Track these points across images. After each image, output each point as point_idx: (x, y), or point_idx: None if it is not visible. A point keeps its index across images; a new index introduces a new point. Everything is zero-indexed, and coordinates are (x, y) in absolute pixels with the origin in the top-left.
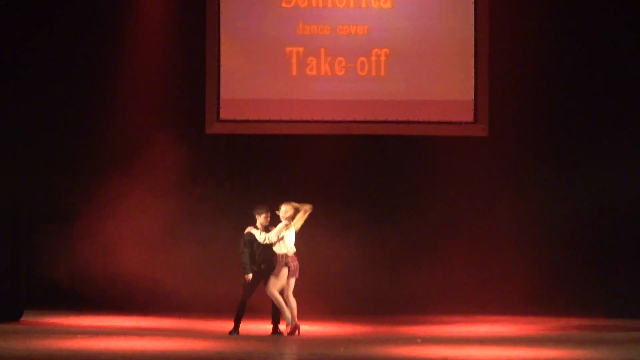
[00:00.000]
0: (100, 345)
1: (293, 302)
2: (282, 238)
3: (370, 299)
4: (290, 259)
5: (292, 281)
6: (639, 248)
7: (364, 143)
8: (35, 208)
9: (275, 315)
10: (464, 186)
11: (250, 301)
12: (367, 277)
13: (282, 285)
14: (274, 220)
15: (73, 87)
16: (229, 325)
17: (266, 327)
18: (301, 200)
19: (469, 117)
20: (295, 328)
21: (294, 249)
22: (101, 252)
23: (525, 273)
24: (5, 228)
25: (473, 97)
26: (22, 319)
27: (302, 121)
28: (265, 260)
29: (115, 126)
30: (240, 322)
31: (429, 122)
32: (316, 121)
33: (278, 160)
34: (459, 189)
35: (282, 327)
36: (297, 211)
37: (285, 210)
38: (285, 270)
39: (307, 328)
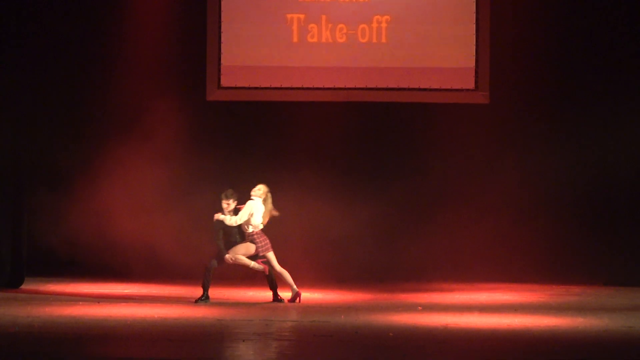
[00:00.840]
0: (101, 312)
1: (284, 272)
2: (252, 215)
3: (370, 267)
4: (256, 236)
5: (270, 255)
6: (639, 216)
7: (364, 110)
8: (35, 174)
9: (273, 283)
10: (464, 154)
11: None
12: (368, 244)
13: (243, 253)
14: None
15: (74, 53)
16: (229, 292)
17: (266, 294)
18: (300, 167)
19: (470, 84)
20: (296, 295)
21: (260, 227)
22: (100, 219)
23: (526, 240)
24: (6, 194)
25: (474, 64)
26: (23, 286)
27: (302, 88)
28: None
29: (116, 93)
30: (208, 287)
31: (430, 90)
32: (317, 88)
33: (279, 128)
34: (459, 156)
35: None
36: (267, 197)
37: (259, 188)
38: (252, 247)
39: (308, 296)
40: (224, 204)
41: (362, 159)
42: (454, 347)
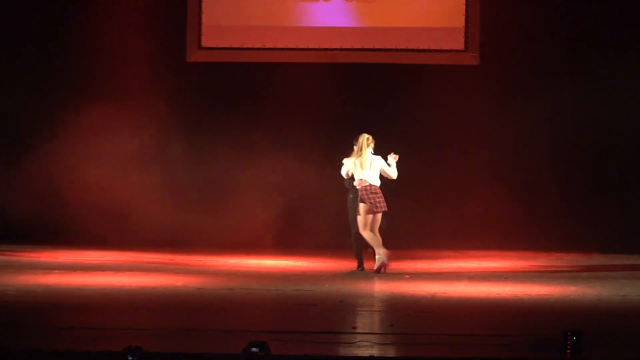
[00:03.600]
0: (77, 281)
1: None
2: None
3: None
4: (364, 192)
5: (370, 217)
6: (632, 182)
7: (349, 71)
8: (7, 139)
9: (358, 250)
10: (454, 117)
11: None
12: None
13: (363, 221)
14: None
15: (48, 14)
16: (209, 259)
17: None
18: (284, 130)
19: (460, 45)
20: (381, 265)
21: (364, 182)
22: (75, 185)
23: (516, 207)
24: None
25: (464, 24)
26: None
27: (286, 49)
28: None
29: (89, 55)
30: (360, 257)
31: (418, 50)
32: (301, 49)
33: (262, 90)
34: (448, 119)
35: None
36: (361, 143)
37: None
38: (361, 206)
39: (291, 263)
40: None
41: (347, 122)
42: (442, 316)
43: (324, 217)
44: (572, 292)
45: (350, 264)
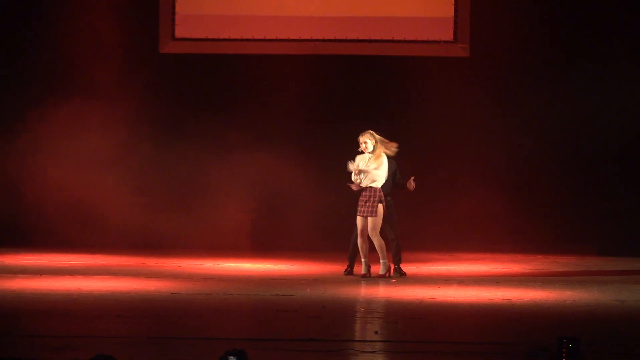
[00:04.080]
0: (43, 286)
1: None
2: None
3: (340, 236)
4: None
5: (368, 220)
6: (631, 181)
7: (332, 64)
8: None
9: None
10: (442, 112)
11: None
12: (336, 210)
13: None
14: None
15: (18, 3)
16: (183, 263)
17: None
18: (262, 125)
19: (449, 36)
20: (387, 269)
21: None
22: (41, 184)
23: (509, 207)
24: None
25: (453, 13)
26: None
27: (265, 40)
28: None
29: (58, 45)
30: (353, 261)
31: (404, 41)
32: (281, 40)
33: (239, 83)
34: (436, 115)
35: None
36: (377, 143)
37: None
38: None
39: (270, 267)
40: None
41: (328, 118)
42: (431, 323)
43: (305, 218)
44: (568, 296)
45: (333, 267)
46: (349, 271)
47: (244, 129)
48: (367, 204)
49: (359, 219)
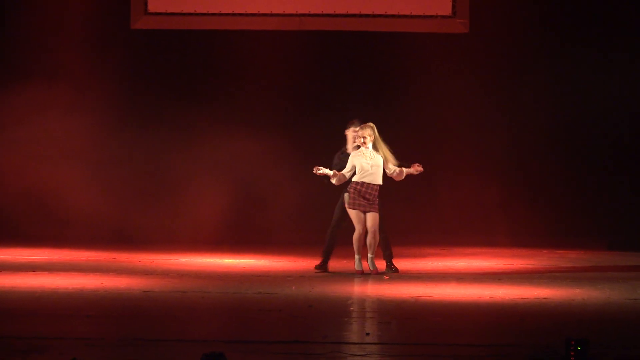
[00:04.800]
0: (3, 283)
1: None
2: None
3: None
4: (352, 189)
5: (362, 215)
6: None
7: (319, 41)
8: None
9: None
10: (439, 93)
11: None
12: (325, 202)
13: (354, 218)
14: None
15: None
16: (157, 258)
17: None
18: (243, 108)
19: (447, 10)
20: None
21: (362, 179)
22: (1, 169)
23: (511, 196)
24: None
25: None
26: None
27: (246, 14)
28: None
29: (22, 20)
30: (328, 256)
31: (399, 16)
32: (263, 14)
33: (216, 61)
34: (434, 95)
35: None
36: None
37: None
38: (345, 195)
39: (252, 262)
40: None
41: (318, 100)
42: (426, 323)
43: (289, 209)
44: (576, 295)
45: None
46: (324, 267)
47: (223, 113)
48: (367, 197)
49: (358, 213)
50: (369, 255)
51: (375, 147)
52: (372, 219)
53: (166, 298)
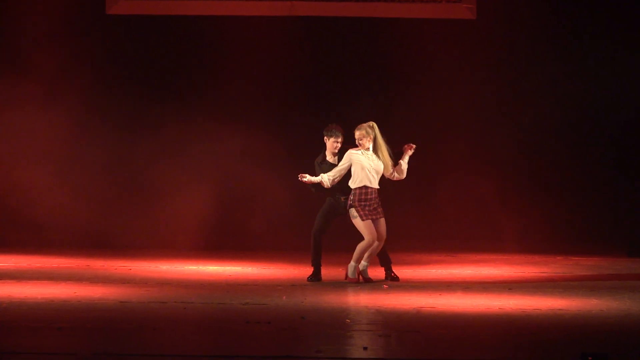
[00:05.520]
0: None
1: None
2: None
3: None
4: (357, 199)
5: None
6: None
7: (313, 27)
8: None
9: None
10: (445, 81)
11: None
12: (317, 202)
13: (366, 229)
14: None
15: None
16: (135, 265)
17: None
18: (227, 99)
19: None
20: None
21: (363, 183)
22: None
23: (523, 198)
24: None
25: None
26: None
27: None
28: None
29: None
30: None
31: (401, 1)
32: None
33: (198, 49)
34: (439, 85)
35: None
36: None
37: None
38: (352, 210)
39: (239, 270)
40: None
41: (309, 91)
42: (429, 337)
43: (279, 213)
44: (594, 306)
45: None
46: (317, 277)
47: (206, 106)
48: (372, 203)
49: (370, 223)
50: (364, 263)
51: (375, 149)
52: (382, 227)
53: (144, 309)
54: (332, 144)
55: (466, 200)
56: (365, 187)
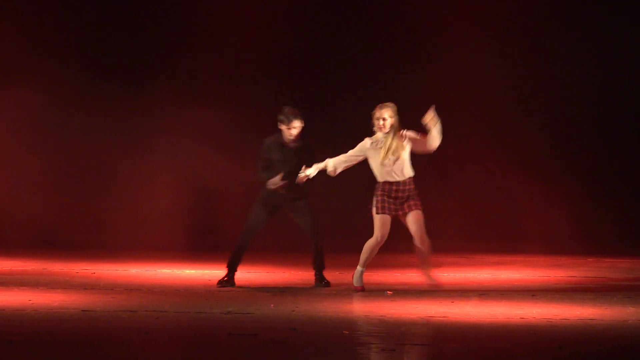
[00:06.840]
0: None
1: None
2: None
3: (332, 231)
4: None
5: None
6: None
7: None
8: None
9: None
10: (463, 66)
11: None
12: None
13: (378, 223)
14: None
15: None
16: (100, 269)
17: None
18: (209, 86)
19: None
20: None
21: (386, 178)
22: None
23: (549, 194)
24: None
25: None
26: None
27: None
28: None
29: None
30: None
31: None
32: None
33: (178, 24)
34: (456, 69)
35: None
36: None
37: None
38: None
39: (220, 274)
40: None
41: (303, 67)
42: (441, 351)
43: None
44: (630, 315)
45: (305, 274)
46: (230, 282)
47: (180, 91)
48: (400, 196)
49: (384, 218)
50: (424, 267)
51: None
52: (415, 220)
53: (111, 319)
54: (286, 131)
55: (483, 194)
56: (387, 182)
